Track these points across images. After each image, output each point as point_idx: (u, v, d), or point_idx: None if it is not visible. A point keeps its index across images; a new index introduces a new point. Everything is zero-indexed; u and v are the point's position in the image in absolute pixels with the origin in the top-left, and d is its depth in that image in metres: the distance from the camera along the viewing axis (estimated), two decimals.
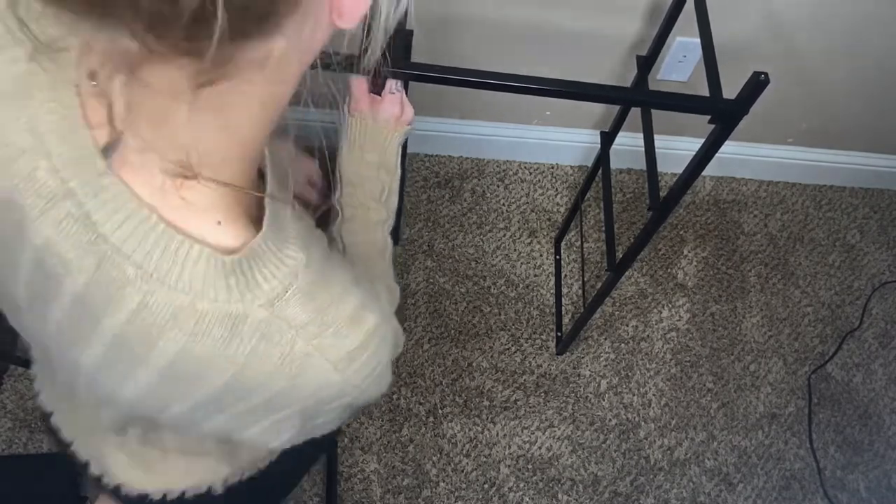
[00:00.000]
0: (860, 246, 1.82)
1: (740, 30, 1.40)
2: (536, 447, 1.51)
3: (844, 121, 1.69)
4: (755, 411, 1.59)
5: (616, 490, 1.48)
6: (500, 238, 1.73)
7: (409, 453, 1.48)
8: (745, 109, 0.84)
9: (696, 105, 0.88)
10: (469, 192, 1.78)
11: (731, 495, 1.50)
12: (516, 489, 1.46)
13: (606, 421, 1.55)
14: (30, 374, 1.47)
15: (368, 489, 1.44)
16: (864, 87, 1.58)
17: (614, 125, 1.33)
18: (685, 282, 1.72)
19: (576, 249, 1.73)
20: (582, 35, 1.43)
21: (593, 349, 1.62)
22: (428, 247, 1.70)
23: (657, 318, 1.67)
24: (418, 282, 1.65)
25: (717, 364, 1.63)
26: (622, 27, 1.42)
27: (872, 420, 1.60)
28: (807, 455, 1.55)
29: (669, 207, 1.03)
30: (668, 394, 1.59)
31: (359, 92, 0.75)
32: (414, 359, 1.57)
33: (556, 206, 1.78)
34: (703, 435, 1.55)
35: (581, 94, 0.84)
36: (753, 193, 1.87)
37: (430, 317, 1.62)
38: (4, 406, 1.45)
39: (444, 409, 1.52)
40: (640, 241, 1.11)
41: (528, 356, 1.60)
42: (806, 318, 1.71)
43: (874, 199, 1.89)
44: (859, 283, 1.77)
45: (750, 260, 1.77)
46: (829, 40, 1.44)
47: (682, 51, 1.45)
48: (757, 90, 0.81)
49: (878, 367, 1.66)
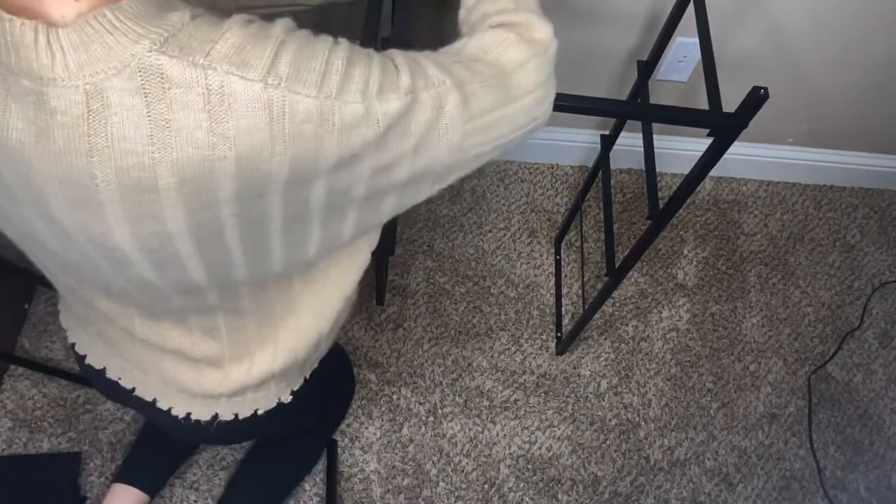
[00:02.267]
0: (860, 246, 1.82)
1: (740, 30, 1.41)
2: (536, 447, 1.51)
3: (844, 121, 1.69)
4: (755, 411, 1.59)
5: (616, 490, 1.48)
6: (500, 238, 1.73)
7: (409, 453, 1.48)
8: (744, 123, 0.85)
9: (696, 119, 0.88)
10: (469, 193, 1.78)
11: (731, 495, 1.50)
12: (516, 489, 1.46)
13: (606, 421, 1.55)
14: (29, 374, 1.47)
15: (368, 489, 1.44)
16: (865, 88, 1.58)
17: (615, 129, 1.33)
18: (685, 282, 1.72)
19: (576, 249, 1.73)
20: (582, 38, 1.43)
21: (593, 349, 1.62)
22: (428, 247, 1.70)
23: (657, 318, 1.67)
24: (418, 282, 1.65)
25: (717, 364, 1.64)
26: (623, 33, 1.42)
27: (872, 420, 1.60)
28: (807, 455, 1.55)
29: (668, 217, 1.03)
30: (668, 394, 1.59)
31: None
32: (414, 359, 1.57)
33: (556, 207, 1.78)
34: (703, 435, 1.55)
35: (581, 108, 0.84)
36: (753, 193, 1.87)
37: (430, 317, 1.62)
38: (4, 406, 1.45)
39: (444, 409, 1.53)
40: (639, 248, 1.11)
41: (528, 356, 1.60)
42: (806, 318, 1.71)
43: (874, 199, 1.89)
44: (859, 283, 1.77)
45: (750, 260, 1.77)
46: (829, 40, 1.44)
47: (682, 51, 1.45)
48: (756, 105, 0.82)
49: (878, 367, 1.66)
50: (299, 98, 0.50)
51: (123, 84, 0.47)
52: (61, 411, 1.45)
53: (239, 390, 0.84)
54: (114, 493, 1.31)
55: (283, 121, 0.50)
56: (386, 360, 1.56)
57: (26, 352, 1.51)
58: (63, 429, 1.44)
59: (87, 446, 1.43)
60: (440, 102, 0.57)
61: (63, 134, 0.48)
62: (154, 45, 0.47)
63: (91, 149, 0.48)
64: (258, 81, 0.48)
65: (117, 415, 1.46)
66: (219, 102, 0.48)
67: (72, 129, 0.48)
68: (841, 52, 1.47)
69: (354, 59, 0.53)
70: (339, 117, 0.51)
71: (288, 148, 0.51)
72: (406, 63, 0.56)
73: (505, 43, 0.63)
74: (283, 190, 0.53)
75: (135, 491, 1.31)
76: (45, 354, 1.51)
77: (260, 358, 0.81)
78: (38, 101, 0.47)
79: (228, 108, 0.48)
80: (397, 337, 1.59)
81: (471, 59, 0.62)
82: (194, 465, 1.42)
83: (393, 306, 1.62)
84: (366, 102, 0.52)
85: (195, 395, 0.84)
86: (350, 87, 0.52)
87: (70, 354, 1.51)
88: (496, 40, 0.64)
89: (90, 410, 1.46)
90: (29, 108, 0.48)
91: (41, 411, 1.45)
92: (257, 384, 0.84)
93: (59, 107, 0.47)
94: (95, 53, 0.46)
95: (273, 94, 0.49)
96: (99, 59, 0.46)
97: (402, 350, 1.58)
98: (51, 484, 1.38)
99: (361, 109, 0.52)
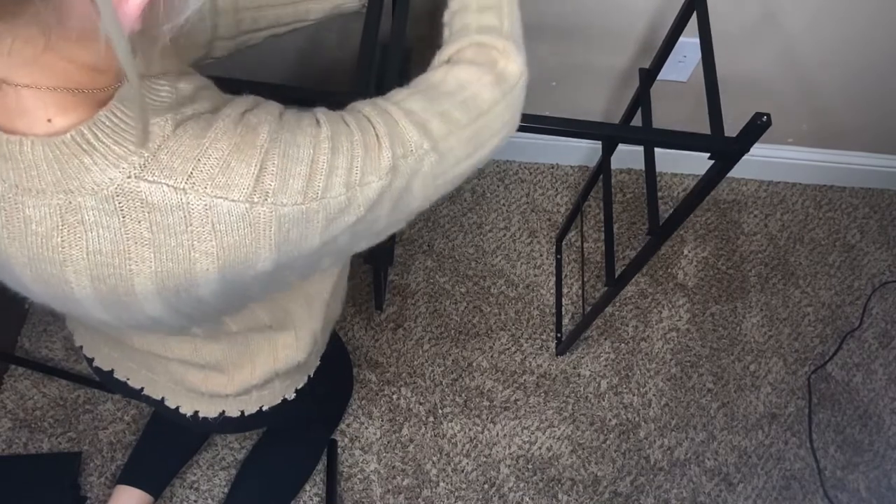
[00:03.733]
0: (860, 246, 1.82)
1: (741, 31, 1.40)
2: (536, 447, 1.51)
3: (844, 121, 1.69)
4: (755, 411, 1.59)
5: (616, 490, 1.48)
6: (500, 238, 1.73)
7: (409, 453, 1.48)
8: (746, 149, 0.84)
9: (697, 143, 0.88)
10: (469, 192, 1.78)
11: (731, 495, 1.50)
12: (516, 489, 1.46)
13: (606, 421, 1.55)
14: (29, 374, 1.47)
15: (368, 489, 1.44)
16: (865, 87, 1.58)
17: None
18: (685, 282, 1.72)
19: (576, 249, 1.73)
20: (583, 39, 1.43)
21: (593, 349, 1.62)
22: (428, 247, 1.70)
23: (657, 318, 1.67)
24: (418, 282, 1.65)
25: (717, 364, 1.63)
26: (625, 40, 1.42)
27: (872, 420, 1.60)
28: (807, 455, 1.55)
29: (668, 233, 1.03)
30: (668, 394, 1.59)
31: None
32: (414, 359, 1.57)
33: (556, 207, 1.78)
34: (703, 435, 1.55)
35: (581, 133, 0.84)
36: (753, 193, 1.87)
37: (430, 317, 1.62)
38: (4, 406, 1.45)
39: (444, 409, 1.53)
40: (639, 261, 1.11)
41: (528, 356, 1.60)
42: (806, 318, 1.71)
43: (874, 199, 1.89)
44: (859, 283, 1.77)
45: (750, 260, 1.77)
46: (830, 40, 1.44)
47: (682, 51, 1.45)
48: (758, 131, 0.82)
49: (878, 367, 1.66)
50: (286, 209, 0.49)
51: (100, 205, 0.46)
52: (61, 411, 1.45)
53: (244, 390, 0.85)
54: (118, 495, 1.31)
55: (269, 233, 0.49)
56: (386, 360, 1.56)
57: (26, 352, 1.51)
58: (63, 429, 1.44)
59: (87, 446, 1.43)
60: (419, 167, 0.57)
61: (36, 242, 0.48)
62: (133, 168, 0.46)
63: (65, 259, 0.48)
64: (243, 202, 0.48)
65: (117, 415, 1.46)
66: (201, 224, 0.47)
67: (45, 238, 0.47)
68: (841, 52, 1.47)
69: (337, 144, 0.52)
70: (323, 214, 0.51)
71: (273, 251, 0.51)
72: (386, 128, 0.55)
73: (482, 82, 0.63)
74: (266, 276, 0.54)
75: (138, 492, 1.31)
76: (45, 354, 1.51)
77: (261, 361, 0.83)
78: (11, 209, 0.47)
79: (212, 228, 0.48)
80: (397, 337, 1.59)
81: (448, 94, 0.61)
82: (194, 466, 1.42)
83: (393, 306, 1.62)
84: (349, 193, 0.52)
85: (202, 394, 0.86)
86: (334, 181, 0.51)
87: (70, 354, 1.51)
88: (474, 77, 0.63)
89: (90, 410, 1.46)
90: (0, 213, 0.47)
91: (41, 411, 1.45)
92: (262, 384, 0.86)
93: (33, 216, 0.47)
94: (71, 173, 0.45)
95: (259, 211, 0.48)
96: (75, 178, 0.46)
97: (402, 350, 1.58)
98: (51, 484, 1.38)
99: (344, 201, 0.52)
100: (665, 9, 1.35)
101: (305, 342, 0.85)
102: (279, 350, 0.83)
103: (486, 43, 0.65)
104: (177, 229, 0.47)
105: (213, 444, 1.45)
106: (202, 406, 0.87)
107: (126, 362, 0.87)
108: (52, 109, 0.46)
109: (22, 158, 0.45)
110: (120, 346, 0.84)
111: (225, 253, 0.49)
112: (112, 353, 0.86)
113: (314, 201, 0.50)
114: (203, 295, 0.52)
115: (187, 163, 0.47)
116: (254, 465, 1.39)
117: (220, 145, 0.48)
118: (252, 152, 0.48)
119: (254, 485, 1.37)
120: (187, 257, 0.48)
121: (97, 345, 0.88)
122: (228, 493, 1.38)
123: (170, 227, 0.47)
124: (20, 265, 0.50)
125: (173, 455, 1.38)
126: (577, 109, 1.66)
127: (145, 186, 0.46)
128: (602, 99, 1.61)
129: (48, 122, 0.46)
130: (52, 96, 0.45)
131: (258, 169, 0.48)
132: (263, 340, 0.81)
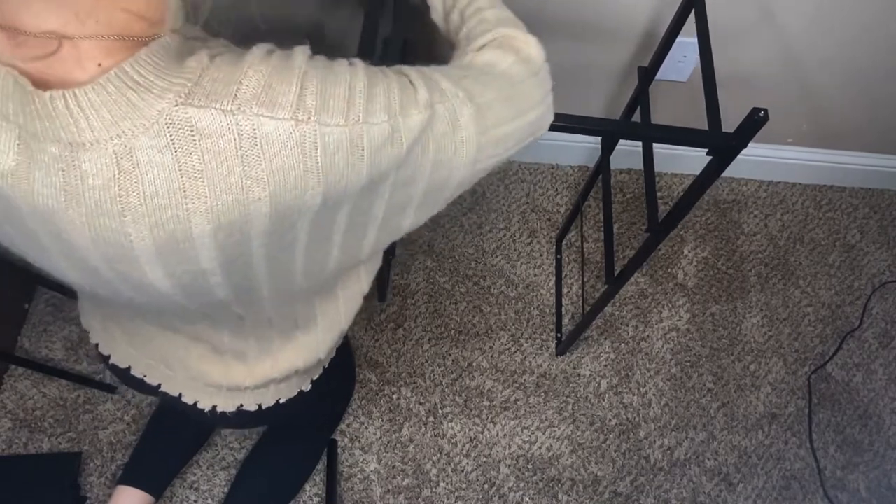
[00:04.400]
0: (860, 246, 1.82)
1: (740, 31, 1.41)
2: (536, 447, 1.51)
3: (844, 121, 1.69)
4: (755, 411, 1.59)
5: (616, 490, 1.48)
6: (500, 238, 1.73)
7: (409, 453, 1.48)
8: (743, 144, 0.85)
9: (695, 139, 0.88)
10: (469, 192, 1.78)
11: (731, 495, 1.50)
12: (516, 489, 1.46)
13: (606, 421, 1.55)
14: (29, 374, 1.48)
15: (368, 489, 1.44)
16: (865, 87, 1.58)
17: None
18: (685, 282, 1.72)
19: (576, 249, 1.73)
20: (583, 39, 1.43)
21: (593, 349, 1.62)
22: (428, 247, 1.70)
23: (657, 318, 1.67)
24: (418, 282, 1.65)
25: (717, 364, 1.63)
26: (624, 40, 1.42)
27: (872, 420, 1.60)
28: (807, 455, 1.55)
29: (667, 230, 1.04)
30: (668, 394, 1.59)
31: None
32: (414, 359, 1.57)
33: (557, 206, 1.78)
34: (703, 435, 1.55)
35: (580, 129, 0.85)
36: (753, 193, 1.87)
37: (430, 317, 1.62)
38: (4, 406, 1.46)
39: (444, 409, 1.53)
40: (638, 259, 1.11)
41: (528, 356, 1.60)
42: (806, 318, 1.71)
43: (874, 199, 1.89)
44: (859, 283, 1.77)
45: (750, 260, 1.77)
46: (830, 40, 1.44)
47: (682, 51, 1.45)
48: (755, 127, 0.82)
49: (878, 367, 1.66)
50: (329, 129, 0.49)
51: (153, 141, 0.47)
52: (61, 411, 1.46)
53: (264, 383, 0.87)
54: (118, 495, 1.31)
55: (316, 155, 0.50)
56: (386, 360, 1.57)
57: (26, 352, 1.51)
58: (63, 429, 1.44)
59: (87, 446, 1.43)
60: (455, 115, 0.57)
61: (94, 196, 0.48)
62: (179, 97, 0.47)
63: (123, 209, 0.48)
64: (289, 119, 0.48)
65: (117, 415, 1.46)
66: (251, 146, 0.48)
67: (103, 190, 0.48)
68: (841, 52, 1.47)
69: (373, 79, 0.53)
70: (367, 140, 0.51)
71: (321, 180, 0.51)
72: (420, 77, 0.57)
73: (510, 60, 0.66)
74: (313, 217, 0.54)
75: (139, 492, 1.31)
76: (45, 354, 1.51)
77: (284, 356, 0.84)
78: (68, 167, 0.47)
79: (261, 150, 0.48)
80: (397, 337, 1.59)
81: (480, 72, 0.64)
82: (194, 466, 1.42)
83: (393, 306, 1.62)
84: (391, 121, 0.52)
85: (221, 387, 0.86)
86: (375, 107, 0.52)
87: (70, 354, 1.51)
88: (500, 59, 0.66)
89: (90, 410, 1.46)
90: (57, 175, 0.47)
91: (41, 411, 1.45)
92: (282, 377, 0.87)
93: (90, 170, 0.47)
94: (120, 112, 0.46)
95: (304, 129, 0.49)
96: (125, 118, 0.46)
97: (402, 350, 1.58)
98: (51, 484, 1.38)
99: (388, 128, 0.52)
100: (664, 8, 1.35)
101: (330, 342, 0.88)
102: (303, 347, 0.85)
103: (509, 34, 0.69)
104: (227, 155, 0.48)
105: (213, 444, 1.45)
106: (220, 400, 0.88)
107: (144, 359, 0.87)
108: (103, 57, 0.47)
109: (71, 112, 0.46)
110: (140, 342, 0.84)
111: (275, 178, 0.49)
112: (129, 350, 0.87)
113: (357, 124, 0.51)
114: (255, 234, 0.52)
115: (230, 86, 0.48)
116: (254, 465, 1.39)
117: (259, 68, 0.49)
118: (291, 73, 0.50)
119: (254, 485, 1.37)
120: (240, 185, 0.49)
121: (114, 342, 0.88)
122: (228, 493, 1.38)
123: (220, 153, 0.48)
124: (78, 229, 0.50)
125: (174, 455, 1.38)
126: (576, 108, 1.66)
127: (194, 112, 0.47)
128: (601, 98, 1.61)
129: (98, 67, 0.46)
130: (107, 44, 0.46)
131: (299, 87, 0.49)
132: (287, 340, 0.83)
